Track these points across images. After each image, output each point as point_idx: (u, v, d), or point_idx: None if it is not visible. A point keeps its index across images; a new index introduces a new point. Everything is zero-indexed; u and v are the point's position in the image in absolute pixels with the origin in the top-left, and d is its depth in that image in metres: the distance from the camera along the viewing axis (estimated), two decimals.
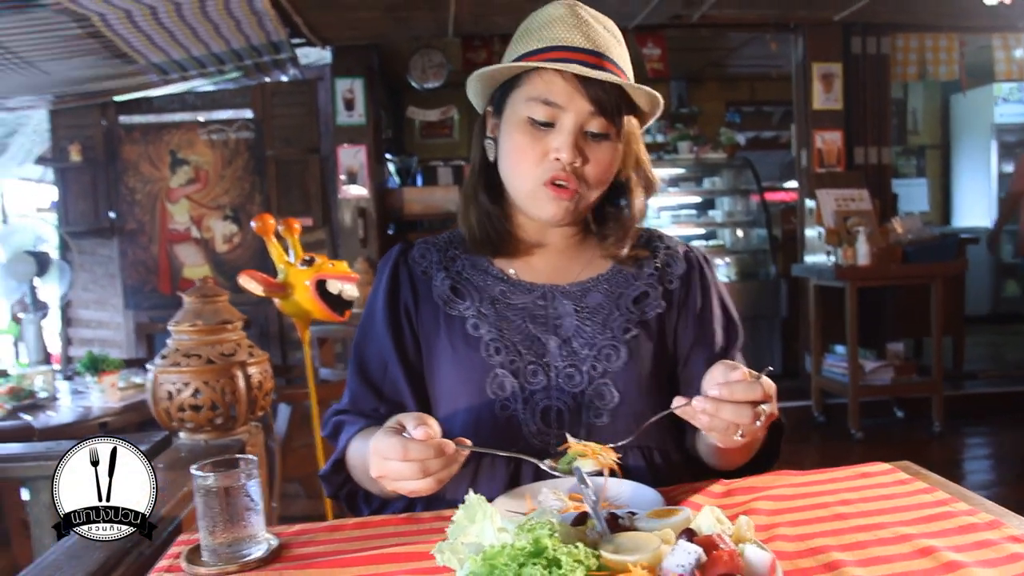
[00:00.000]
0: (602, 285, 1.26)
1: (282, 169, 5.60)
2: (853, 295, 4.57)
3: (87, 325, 5.67)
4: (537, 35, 1.17)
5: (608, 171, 1.19)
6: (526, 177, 1.18)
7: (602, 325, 1.22)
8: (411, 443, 0.92)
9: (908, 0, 4.75)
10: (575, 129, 1.14)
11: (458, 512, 0.81)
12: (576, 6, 1.19)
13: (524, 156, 1.17)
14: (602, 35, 1.17)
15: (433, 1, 4.45)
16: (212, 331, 1.76)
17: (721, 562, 0.72)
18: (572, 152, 1.13)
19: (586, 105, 1.13)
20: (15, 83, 4.47)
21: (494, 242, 1.26)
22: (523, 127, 1.16)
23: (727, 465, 1.20)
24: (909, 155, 8.39)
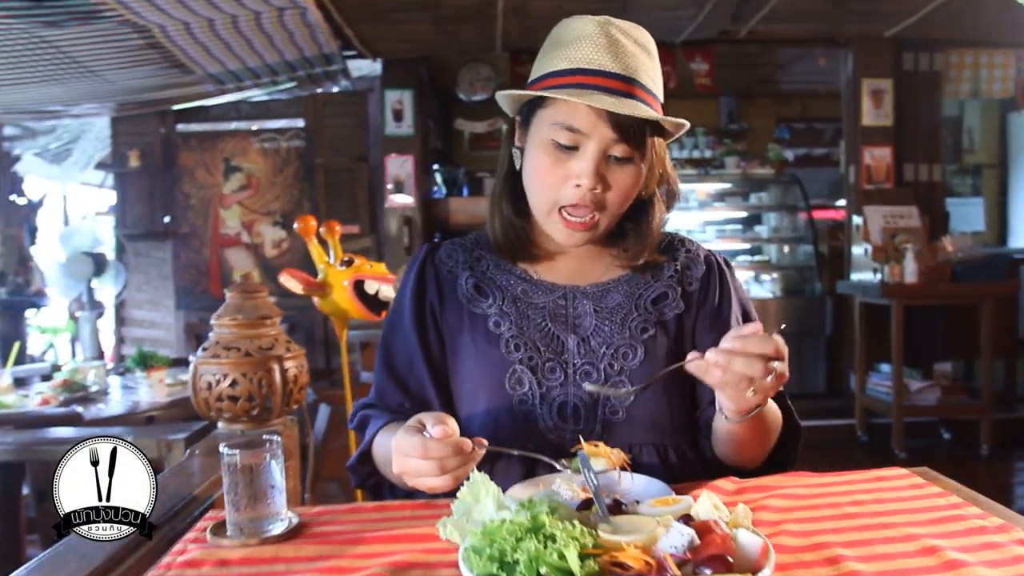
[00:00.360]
0: (622, 286, 1.29)
1: (331, 177, 5.73)
2: (899, 313, 4.49)
3: (139, 324, 5.86)
4: (565, 53, 1.17)
5: (629, 195, 1.20)
6: (545, 199, 1.20)
7: (620, 325, 1.25)
8: (430, 442, 0.95)
9: (962, 16, 4.67)
10: (597, 155, 1.15)
11: (462, 489, 0.84)
12: (608, 24, 1.18)
13: (545, 178, 1.19)
14: (631, 55, 1.16)
15: (481, 16, 4.52)
16: (252, 325, 1.82)
17: (713, 544, 0.74)
18: (594, 179, 1.15)
19: (609, 132, 1.14)
20: (80, 91, 4.67)
21: (516, 248, 1.30)
22: (547, 148, 1.18)
23: (741, 456, 1.20)
24: (964, 174, 8.19)
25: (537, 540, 0.73)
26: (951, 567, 0.86)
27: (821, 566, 0.87)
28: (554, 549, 0.72)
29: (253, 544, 1.01)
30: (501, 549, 0.74)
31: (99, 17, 3.49)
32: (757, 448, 1.19)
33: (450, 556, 0.92)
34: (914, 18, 4.75)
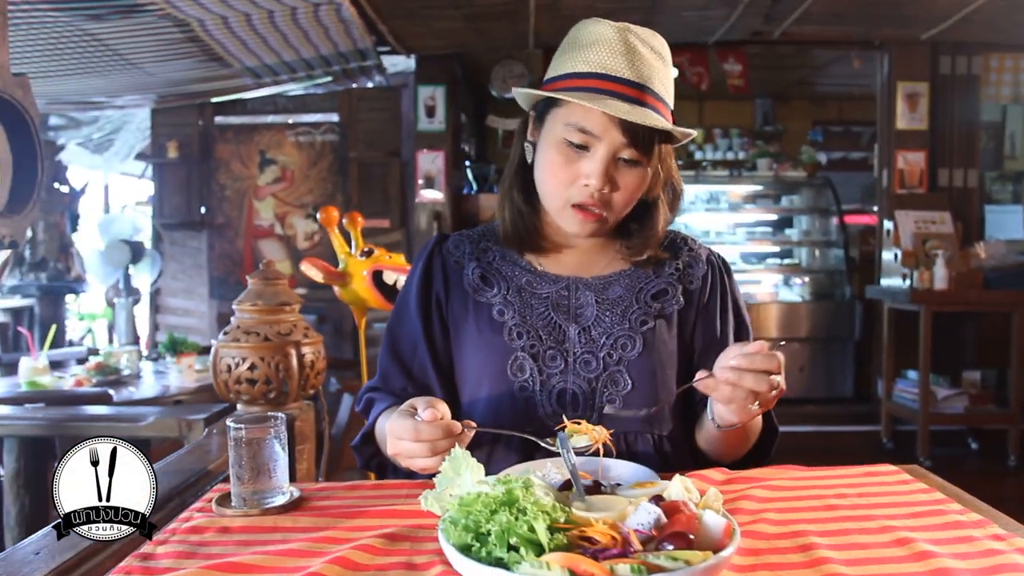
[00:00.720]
0: (623, 280, 1.32)
1: (364, 171, 5.81)
2: (927, 319, 4.44)
3: (174, 312, 6.00)
4: (583, 55, 1.21)
5: (635, 195, 1.25)
6: (556, 195, 1.25)
7: (621, 316, 1.29)
8: (421, 424, 1.02)
9: (999, 19, 4.60)
10: (607, 158, 1.19)
11: (444, 464, 0.88)
12: (627, 30, 1.22)
13: (556, 175, 1.23)
14: (647, 62, 1.20)
15: (513, 13, 4.56)
16: (271, 311, 1.88)
17: (678, 523, 0.77)
18: (602, 180, 1.19)
19: (620, 137, 1.18)
20: (122, 83, 4.80)
21: (523, 238, 1.34)
22: (559, 147, 1.22)
23: (722, 455, 1.25)
24: (1005, 180, 8.04)
25: (510, 513, 0.77)
26: (920, 557, 0.88)
27: (793, 552, 0.90)
28: (524, 521, 0.75)
29: (254, 514, 1.06)
30: (476, 520, 0.78)
31: (141, 11, 3.60)
32: (739, 448, 1.25)
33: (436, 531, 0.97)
34: (950, 21, 4.69)
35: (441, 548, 0.91)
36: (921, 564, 0.86)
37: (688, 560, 0.72)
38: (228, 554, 0.94)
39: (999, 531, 0.95)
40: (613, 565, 0.70)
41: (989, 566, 0.86)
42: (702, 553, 0.73)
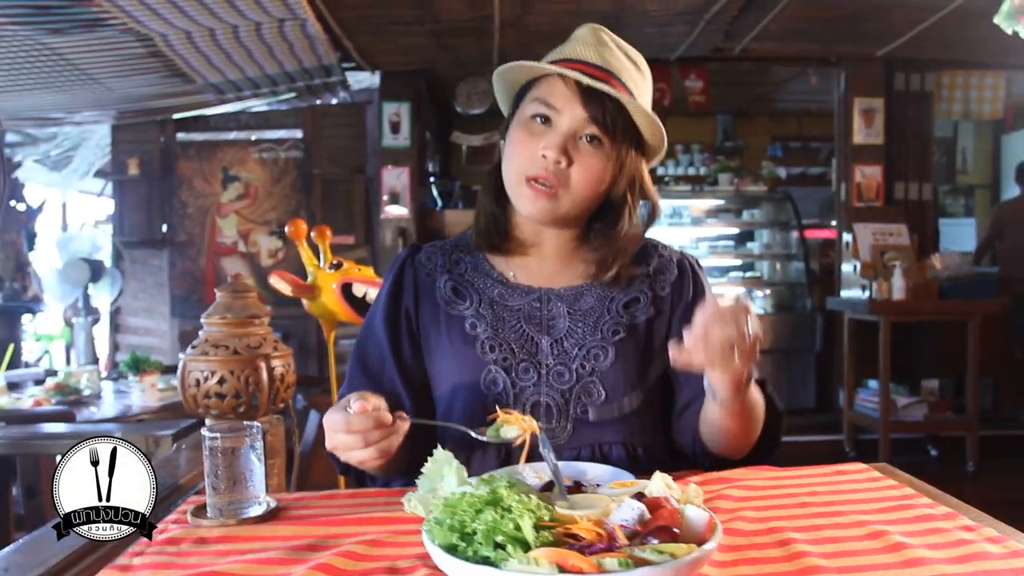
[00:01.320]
0: (594, 289, 1.32)
1: (328, 188, 5.79)
2: (887, 329, 4.54)
3: (135, 332, 5.89)
4: (559, 50, 1.29)
5: (594, 179, 1.25)
6: (514, 170, 1.26)
7: (592, 327, 1.29)
8: (352, 416, 1.03)
9: (951, 37, 4.75)
10: (567, 131, 1.22)
11: (427, 464, 0.89)
12: (600, 29, 1.28)
13: (517, 151, 1.25)
14: (617, 57, 1.26)
15: (479, 30, 4.60)
16: (240, 324, 1.86)
17: (662, 518, 0.78)
18: (557, 151, 1.21)
19: (581, 111, 1.21)
20: (82, 98, 4.73)
21: (493, 237, 1.34)
22: (524, 124, 1.26)
23: (733, 443, 1.23)
24: (957, 194, 8.27)
25: (495, 511, 0.77)
26: (894, 549, 0.90)
27: (772, 547, 0.91)
28: (510, 519, 0.76)
29: (231, 524, 1.05)
30: (461, 520, 0.78)
31: (103, 25, 3.56)
32: (748, 432, 1.22)
33: (418, 536, 0.96)
34: (903, 39, 4.83)
35: (424, 552, 0.92)
36: (896, 555, 0.88)
37: (673, 553, 0.73)
38: (206, 564, 0.92)
39: (968, 522, 0.98)
40: (600, 559, 0.71)
41: (961, 555, 0.88)
42: (687, 546, 0.74)
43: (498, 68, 1.30)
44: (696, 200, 6.56)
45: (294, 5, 3.72)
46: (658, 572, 0.71)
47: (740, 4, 4.23)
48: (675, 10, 4.25)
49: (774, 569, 0.85)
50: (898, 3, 4.24)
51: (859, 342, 4.96)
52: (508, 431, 1.03)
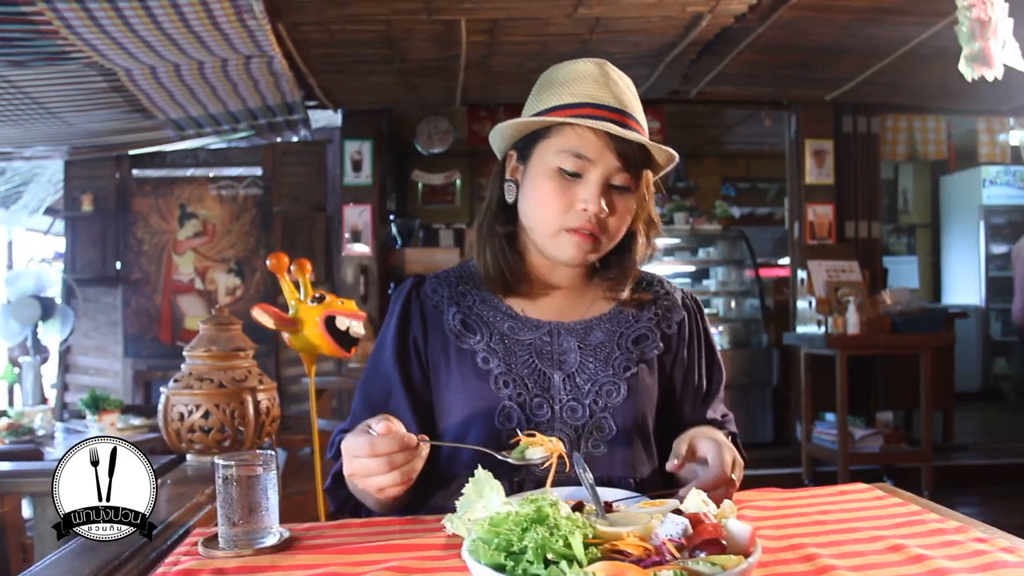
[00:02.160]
0: (604, 324, 1.34)
1: (288, 226, 5.75)
2: (843, 363, 4.66)
3: (85, 371, 5.71)
4: (568, 89, 1.25)
5: (626, 221, 1.28)
6: (552, 223, 1.25)
7: (604, 362, 1.30)
8: (376, 438, 1.01)
9: (897, 82, 4.97)
10: (602, 182, 1.23)
11: (467, 486, 0.88)
12: (604, 64, 1.29)
13: (551, 204, 1.24)
14: (626, 94, 1.27)
15: (444, 70, 4.65)
16: (225, 357, 1.84)
17: (706, 531, 0.80)
18: (599, 203, 1.22)
19: (614, 161, 1.22)
20: (36, 133, 4.63)
21: (506, 279, 1.33)
22: (552, 176, 1.24)
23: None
24: (900, 233, 8.59)
25: (543, 529, 0.77)
26: (916, 560, 0.92)
27: (799, 562, 0.93)
28: (560, 536, 0.76)
29: (247, 555, 1.03)
30: (507, 539, 0.78)
31: (66, 59, 3.51)
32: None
33: (447, 561, 0.95)
34: (851, 84, 5.04)
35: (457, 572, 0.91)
36: (920, 566, 0.91)
37: (724, 565, 0.74)
38: None
39: (980, 535, 1.01)
40: (656, 572, 0.72)
41: (980, 564, 0.91)
42: (736, 557, 0.75)
43: (518, 120, 1.28)
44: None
45: (263, 43, 3.72)
46: None
47: (699, 49, 4.37)
48: (637, 52, 4.37)
49: None
50: (846, 50, 4.43)
51: (815, 376, 5.07)
52: (534, 452, 1.03)
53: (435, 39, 4.06)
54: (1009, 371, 7.82)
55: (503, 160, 1.36)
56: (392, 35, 3.98)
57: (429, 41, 4.10)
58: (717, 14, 3.80)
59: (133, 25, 3.28)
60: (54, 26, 3.20)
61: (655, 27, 3.96)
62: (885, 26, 4.02)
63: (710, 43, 4.28)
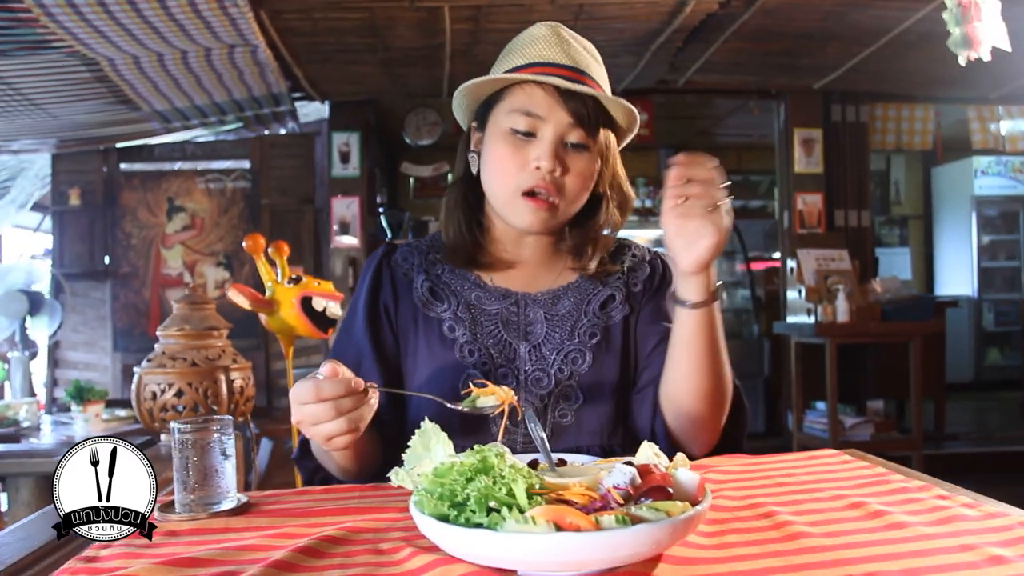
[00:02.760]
0: (571, 293, 1.32)
1: (276, 218, 5.73)
2: (833, 351, 4.65)
3: (74, 366, 5.69)
4: (520, 52, 1.25)
5: (586, 182, 1.24)
6: (506, 185, 1.23)
7: (570, 331, 1.28)
8: (322, 382, 0.97)
9: (884, 70, 4.96)
10: (555, 139, 1.20)
11: (413, 439, 0.87)
12: (557, 26, 1.27)
13: (505, 165, 1.22)
14: (581, 53, 1.25)
15: (429, 58, 4.64)
16: (198, 336, 1.83)
17: (654, 479, 0.78)
18: (552, 161, 1.19)
19: (565, 116, 1.19)
20: (22, 125, 4.61)
21: (469, 254, 1.32)
22: (505, 138, 1.22)
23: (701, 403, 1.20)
24: (892, 225, 8.59)
25: (487, 478, 0.76)
26: (875, 516, 0.91)
27: (757, 519, 0.92)
28: (503, 484, 0.75)
29: (202, 518, 1.02)
30: (451, 489, 0.77)
31: (48, 48, 3.49)
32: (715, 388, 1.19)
33: (400, 523, 0.94)
34: (839, 72, 5.03)
35: (408, 531, 0.90)
36: (877, 521, 0.89)
37: (669, 511, 0.73)
38: (180, 552, 0.89)
39: (942, 492, 1.00)
40: (599, 517, 0.71)
41: (939, 519, 0.90)
42: (682, 504, 0.74)
43: (467, 83, 1.25)
44: (643, 231, 6.67)
45: (245, 31, 3.71)
46: (655, 529, 0.70)
47: (684, 36, 4.36)
48: (622, 40, 4.36)
49: (761, 537, 0.86)
50: (832, 37, 4.42)
51: (806, 365, 5.07)
52: (485, 401, 1.02)
53: (419, 27, 4.05)
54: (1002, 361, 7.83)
55: (467, 132, 1.35)
56: (375, 23, 3.97)
57: (413, 29, 4.08)
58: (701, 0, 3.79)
59: (113, 12, 3.26)
60: (33, 14, 3.18)
61: (639, 13, 3.95)
62: (870, 11, 4.01)
63: (696, 30, 4.27)
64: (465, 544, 0.74)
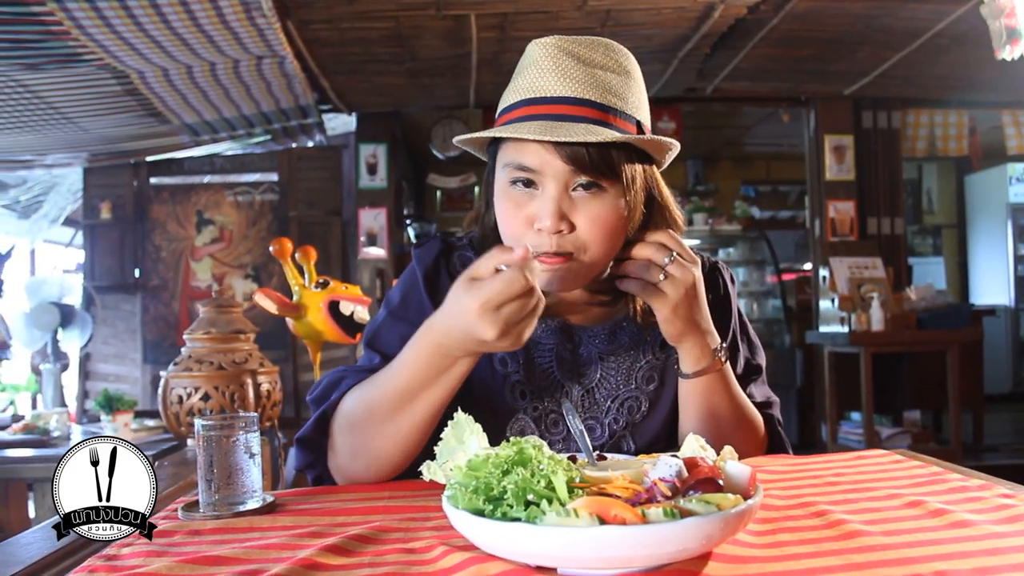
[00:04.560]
0: (630, 326, 1.19)
1: (304, 230, 5.74)
2: (867, 360, 4.55)
3: (105, 378, 5.73)
4: (514, 86, 1.08)
5: (607, 227, 1.04)
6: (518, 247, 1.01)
7: (626, 375, 1.18)
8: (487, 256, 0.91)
9: (915, 75, 4.88)
10: (557, 192, 1.02)
11: (446, 431, 0.83)
12: (558, 46, 1.05)
13: (510, 225, 1.07)
14: (585, 74, 1.03)
15: (456, 68, 4.63)
16: (225, 339, 1.80)
17: (702, 472, 0.74)
18: (555, 219, 1.01)
19: (561, 164, 1.01)
20: (55, 139, 4.67)
21: None
22: (506, 193, 1.07)
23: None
24: (925, 234, 8.43)
25: (524, 471, 0.72)
26: (937, 514, 0.86)
27: (809, 518, 0.87)
28: (542, 476, 0.71)
29: (227, 516, 0.98)
30: (487, 483, 0.73)
31: (78, 61, 3.52)
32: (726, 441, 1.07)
33: (431, 522, 0.91)
34: (869, 77, 4.95)
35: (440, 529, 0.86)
36: (940, 519, 0.84)
37: (720, 504, 0.68)
38: (204, 551, 0.86)
39: (1005, 491, 0.94)
40: (645, 510, 0.66)
41: (1007, 517, 0.84)
42: (733, 497, 0.69)
43: (456, 139, 1.14)
44: None
45: (273, 42, 3.72)
46: (706, 523, 0.65)
47: (712, 42, 4.31)
48: (650, 47, 4.32)
49: (816, 536, 0.81)
50: (863, 41, 4.35)
51: (840, 375, 4.96)
52: None
53: (445, 36, 4.04)
54: None
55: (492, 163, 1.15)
56: (402, 32, 3.97)
57: (439, 38, 4.08)
58: (729, 4, 3.74)
59: (143, 24, 3.29)
60: (65, 27, 3.21)
61: (667, 19, 3.91)
62: (901, 15, 3.94)
63: (724, 36, 4.23)
64: (502, 539, 0.69)
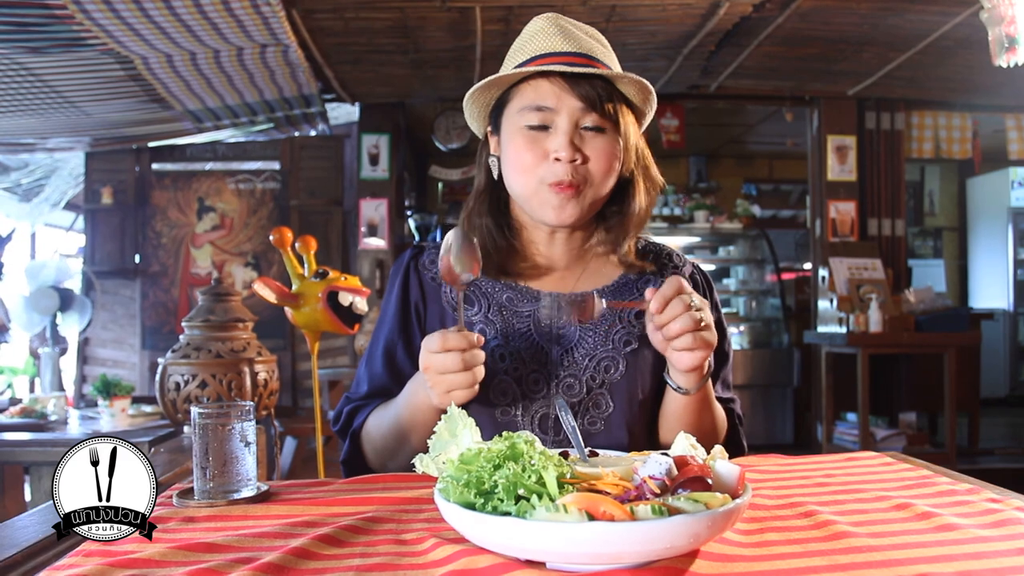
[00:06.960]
0: (607, 296, 1.27)
1: (305, 219, 5.74)
2: (864, 361, 4.56)
3: (103, 363, 5.74)
4: (521, 50, 1.23)
5: (610, 164, 1.19)
6: (529, 181, 1.20)
7: (604, 336, 1.24)
8: (448, 333, 1.04)
9: (920, 76, 4.87)
10: (570, 128, 1.17)
11: (439, 424, 0.84)
12: (556, 17, 1.24)
13: (524, 161, 1.19)
14: (583, 39, 1.21)
15: (459, 60, 4.63)
16: (223, 327, 1.81)
17: (692, 470, 0.74)
18: (570, 150, 1.16)
19: (576, 102, 1.17)
20: (57, 123, 4.67)
21: (502, 260, 1.28)
22: (521, 134, 1.19)
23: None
24: (926, 236, 8.43)
25: (515, 465, 0.72)
26: (924, 517, 0.86)
27: (797, 518, 0.88)
28: (532, 471, 0.71)
29: (221, 504, 0.99)
30: (478, 476, 0.74)
31: (82, 45, 3.52)
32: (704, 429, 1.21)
33: (423, 513, 0.92)
34: (873, 78, 4.95)
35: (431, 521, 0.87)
36: (927, 522, 0.85)
37: (708, 503, 0.69)
38: (197, 538, 0.86)
39: (993, 495, 0.95)
40: (634, 507, 0.67)
41: (993, 521, 0.85)
42: (722, 496, 0.70)
43: (473, 88, 1.24)
44: (672, 238, 6.60)
45: (277, 31, 3.72)
46: (694, 521, 0.66)
47: (717, 39, 4.30)
48: (654, 44, 4.31)
49: (803, 536, 0.81)
50: (868, 41, 4.34)
51: (837, 376, 4.97)
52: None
53: (450, 27, 4.04)
54: None
55: (484, 139, 1.32)
56: (407, 23, 3.96)
57: (444, 30, 4.07)
58: (735, 2, 3.74)
59: (147, 10, 3.29)
60: (69, 10, 3.21)
61: (672, 16, 3.90)
62: (907, 16, 3.93)
63: (729, 34, 4.22)
64: (492, 533, 0.70)
